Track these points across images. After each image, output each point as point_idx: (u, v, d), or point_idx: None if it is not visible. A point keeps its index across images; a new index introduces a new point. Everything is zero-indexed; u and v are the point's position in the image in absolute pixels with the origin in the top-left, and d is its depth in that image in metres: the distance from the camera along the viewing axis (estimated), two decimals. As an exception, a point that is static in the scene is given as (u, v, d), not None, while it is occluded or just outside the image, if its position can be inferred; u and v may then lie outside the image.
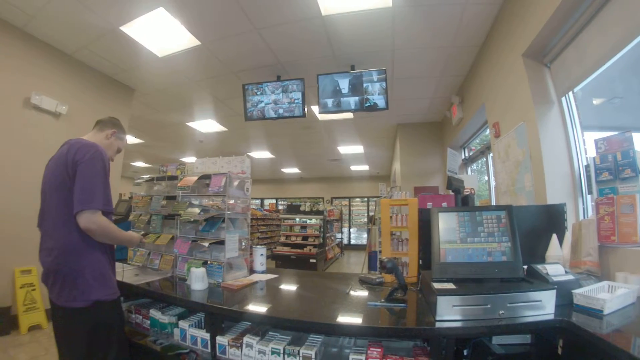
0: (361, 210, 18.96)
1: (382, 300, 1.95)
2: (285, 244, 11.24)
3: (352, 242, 18.35)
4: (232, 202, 2.74)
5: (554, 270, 1.74)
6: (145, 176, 3.26)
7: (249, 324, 2.13)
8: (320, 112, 5.52)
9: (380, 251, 2.76)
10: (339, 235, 15.27)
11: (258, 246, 3.09)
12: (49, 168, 2.05)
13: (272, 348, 1.77)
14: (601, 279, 1.90)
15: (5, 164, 4.40)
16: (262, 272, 2.92)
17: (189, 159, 13.01)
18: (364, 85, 5.17)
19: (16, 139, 4.53)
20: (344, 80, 5.26)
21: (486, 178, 5.81)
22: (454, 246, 1.89)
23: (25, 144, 4.61)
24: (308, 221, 11.56)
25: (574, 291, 1.63)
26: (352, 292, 2.23)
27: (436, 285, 1.67)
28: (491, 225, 1.89)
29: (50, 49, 4.98)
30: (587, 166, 2.66)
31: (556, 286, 1.61)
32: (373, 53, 5.13)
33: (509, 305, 1.55)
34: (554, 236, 2.07)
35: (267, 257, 3.19)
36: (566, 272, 1.77)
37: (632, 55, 2.43)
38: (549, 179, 3.04)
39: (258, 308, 1.94)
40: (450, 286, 1.66)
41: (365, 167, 15.38)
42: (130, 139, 9.96)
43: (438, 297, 1.57)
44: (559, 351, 1.70)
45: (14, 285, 4.35)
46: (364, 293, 2.23)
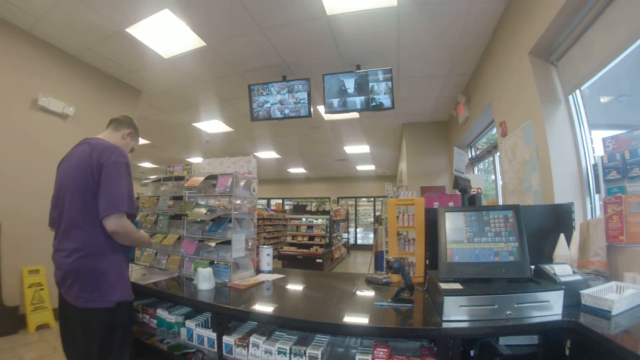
0: (367, 210, 18.92)
1: (389, 301, 1.95)
2: (291, 244, 11.24)
3: (359, 242, 18.32)
4: (238, 202, 2.75)
5: (562, 270, 1.73)
6: (152, 177, 3.28)
7: (256, 323, 2.14)
8: (326, 112, 5.52)
9: (386, 251, 2.75)
10: (345, 235, 15.24)
11: (264, 246, 3.10)
12: (67, 168, 2.00)
13: (279, 348, 1.78)
14: (609, 279, 1.89)
15: (13, 165, 4.45)
16: (269, 272, 2.93)
17: (196, 160, 13.06)
18: (370, 84, 5.16)
19: (24, 140, 4.58)
20: (349, 80, 5.25)
21: (493, 177, 5.78)
22: (460, 246, 1.88)
23: (32, 145, 4.65)
24: (314, 221, 11.56)
25: (581, 292, 1.61)
26: (358, 292, 2.23)
27: (443, 286, 1.66)
28: (498, 225, 1.88)
29: (57, 51, 5.03)
30: (594, 165, 2.64)
31: (564, 286, 1.59)
32: (378, 52, 5.12)
33: (516, 305, 1.54)
34: (562, 236, 2.05)
35: (274, 257, 3.20)
36: (574, 272, 1.76)
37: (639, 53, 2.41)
38: (556, 178, 3.01)
39: (264, 308, 1.95)
40: (457, 286, 1.66)
41: (372, 167, 15.34)
42: (137, 140, 9.96)
43: (445, 297, 1.57)
44: (567, 352, 1.68)
45: (22, 284, 4.40)
46: (370, 293, 2.23)
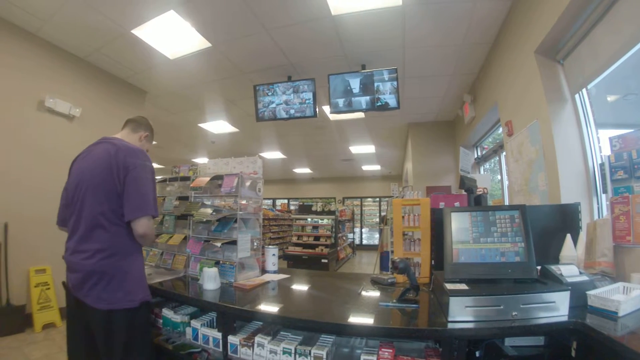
0: (373, 210, 18.90)
1: (394, 301, 1.95)
2: (297, 244, 11.27)
3: (364, 242, 18.32)
4: (244, 202, 2.76)
5: (568, 271, 1.72)
6: (158, 177, 3.29)
7: (261, 323, 2.14)
8: (331, 112, 5.52)
9: (392, 251, 2.75)
10: (350, 236, 15.24)
11: (270, 246, 3.10)
12: (86, 167, 1.96)
13: (284, 348, 1.78)
14: (616, 280, 1.87)
15: (20, 166, 4.49)
16: (274, 272, 2.93)
17: (201, 160, 13.14)
18: (375, 84, 5.15)
19: (30, 141, 4.63)
20: (354, 80, 5.25)
21: (499, 177, 5.75)
22: (466, 246, 1.87)
23: (39, 146, 4.70)
24: (320, 221, 11.58)
25: (588, 292, 1.60)
26: (363, 293, 2.23)
27: (448, 286, 1.66)
28: (504, 225, 1.87)
29: (64, 52, 5.08)
30: (601, 164, 2.61)
31: (570, 287, 1.58)
32: (384, 52, 5.11)
33: (522, 306, 1.53)
34: (568, 236, 2.03)
35: (279, 257, 3.20)
36: (580, 273, 1.75)
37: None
38: (563, 177, 2.99)
39: (270, 308, 1.95)
40: (463, 287, 1.65)
41: (377, 167, 15.31)
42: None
43: (450, 297, 1.56)
44: (573, 353, 1.67)
45: (28, 284, 4.45)
46: (375, 293, 2.23)
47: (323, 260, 10.13)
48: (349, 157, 12.80)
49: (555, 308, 1.53)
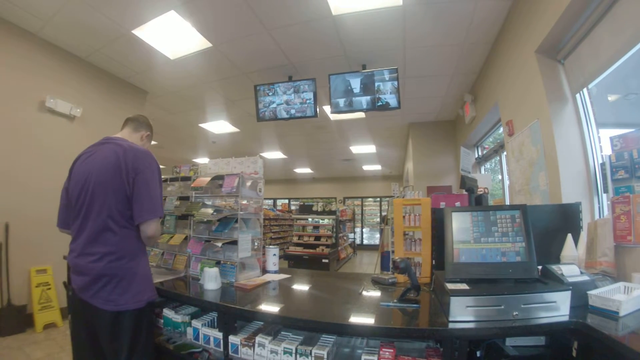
0: (374, 210, 18.89)
1: (395, 301, 1.95)
2: (297, 244, 11.26)
3: (365, 242, 18.30)
4: (244, 202, 2.76)
5: (569, 270, 1.72)
6: (159, 177, 3.30)
7: (262, 323, 2.14)
8: (332, 112, 5.51)
9: (393, 251, 2.75)
10: (351, 235, 15.24)
11: (271, 246, 3.10)
12: (93, 168, 1.91)
13: (285, 348, 1.78)
14: (617, 279, 1.87)
15: (20, 166, 4.50)
16: (275, 272, 2.93)
17: (202, 160, 13.16)
18: (376, 84, 5.15)
19: (31, 141, 4.64)
20: (355, 80, 5.25)
21: (500, 177, 5.75)
22: (467, 246, 1.86)
23: (40, 146, 4.71)
24: (320, 221, 11.57)
25: (589, 292, 1.60)
26: (364, 293, 2.23)
27: (449, 286, 1.66)
28: (505, 225, 1.87)
29: (64, 53, 5.09)
30: (602, 164, 2.61)
31: (571, 287, 1.58)
32: (384, 52, 5.11)
33: (523, 306, 1.53)
34: (569, 236, 2.03)
35: (280, 257, 3.20)
36: (581, 272, 1.74)
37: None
38: (563, 177, 2.99)
39: (270, 308, 1.95)
40: (464, 287, 1.65)
41: (378, 167, 15.31)
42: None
43: (451, 297, 1.56)
44: (574, 353, 1.67)
45: (29, 284, 4.46)
46: (376, 293, 2.23)
47: (324, 260, 10.12)
48: (350, 157, 12.80)
49: (556, 308, 1.53)
